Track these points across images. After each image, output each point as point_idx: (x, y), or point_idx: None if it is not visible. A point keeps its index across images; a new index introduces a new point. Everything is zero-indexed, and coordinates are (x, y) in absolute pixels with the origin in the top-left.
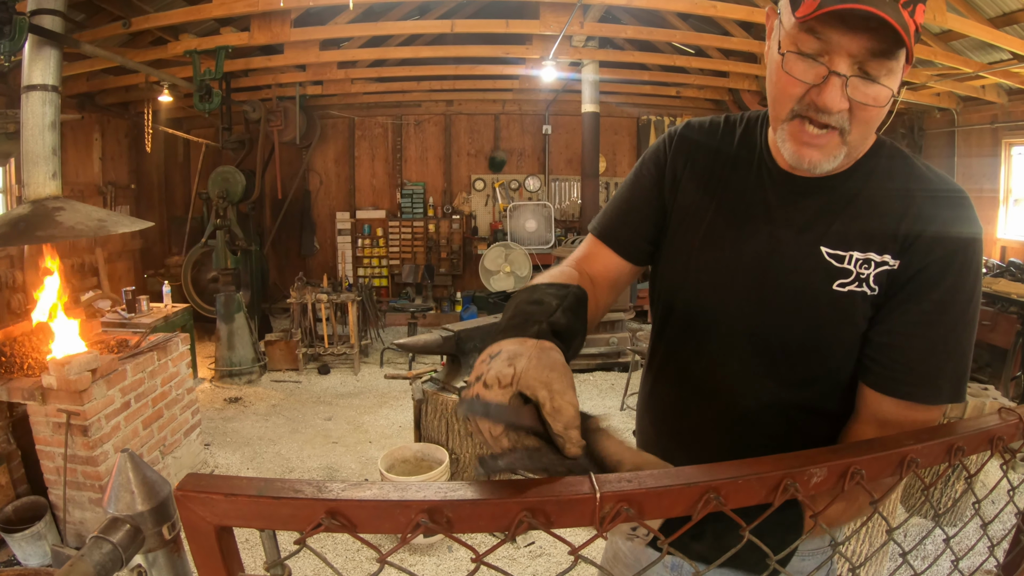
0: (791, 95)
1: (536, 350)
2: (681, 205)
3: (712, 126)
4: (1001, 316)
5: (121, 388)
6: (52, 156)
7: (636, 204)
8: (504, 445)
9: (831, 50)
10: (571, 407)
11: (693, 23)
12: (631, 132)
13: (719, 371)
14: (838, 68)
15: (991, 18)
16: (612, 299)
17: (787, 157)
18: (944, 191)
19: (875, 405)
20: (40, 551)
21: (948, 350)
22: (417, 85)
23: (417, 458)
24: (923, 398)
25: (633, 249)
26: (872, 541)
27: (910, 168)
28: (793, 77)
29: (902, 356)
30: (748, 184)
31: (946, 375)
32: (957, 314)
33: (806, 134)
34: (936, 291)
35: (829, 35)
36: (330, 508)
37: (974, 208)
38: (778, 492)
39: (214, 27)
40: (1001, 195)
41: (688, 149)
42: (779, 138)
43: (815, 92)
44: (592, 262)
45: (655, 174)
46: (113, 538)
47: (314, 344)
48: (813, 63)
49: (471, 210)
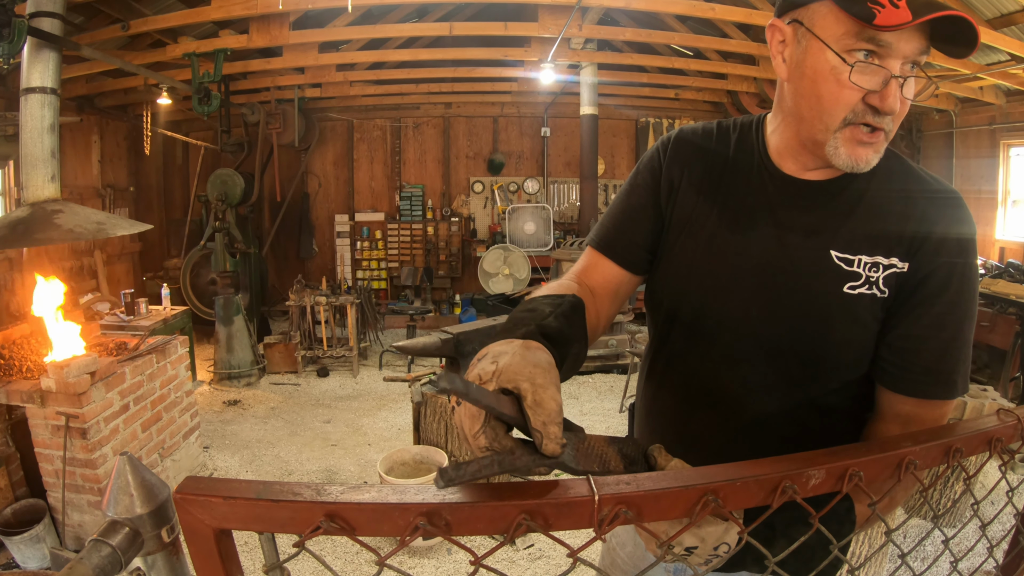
0: (846, 103)
1: (521, 348)
2: (680, 212)
3: (706, 132)
4: (1000, 317)
5: (120, 391)
6: (51, 159)
7: (633, 214)
8: (481, 444)
9: (888, 54)
10: (553, 402)
11: (691, 25)
12: (630, 134)
13: (727, 376)
14: (894, 71)
15: (989, 19)
16: (615, 310)
17: (843, 162)
18: (942, 193)
19: (898, 406)
20: (39, 554)
21: (959, 347)
22: (416, 87)
23: (416, 460)
24: (942, 395)
25: (632, 259)
26: (871, 542)
27: (906, 169)
28: (858, 86)
29: (919, 358)
30: (750, 189)
31: (959, 371)
32: (963, 313)
33: (862, 136)
34: (946, 293)
35: (889, 40)
36: (329, 511)
37: (968, 208)
38: (776, 494)
39: (213, 30)
40: (999, 196)
41: (684, 156)
42: (831, 146)
43: (875, 97)
44: (592, 274)
45: (650, 183)
46: (112, 541)
47: (313, 347)
48: (872, 68)
49: (470, 212)
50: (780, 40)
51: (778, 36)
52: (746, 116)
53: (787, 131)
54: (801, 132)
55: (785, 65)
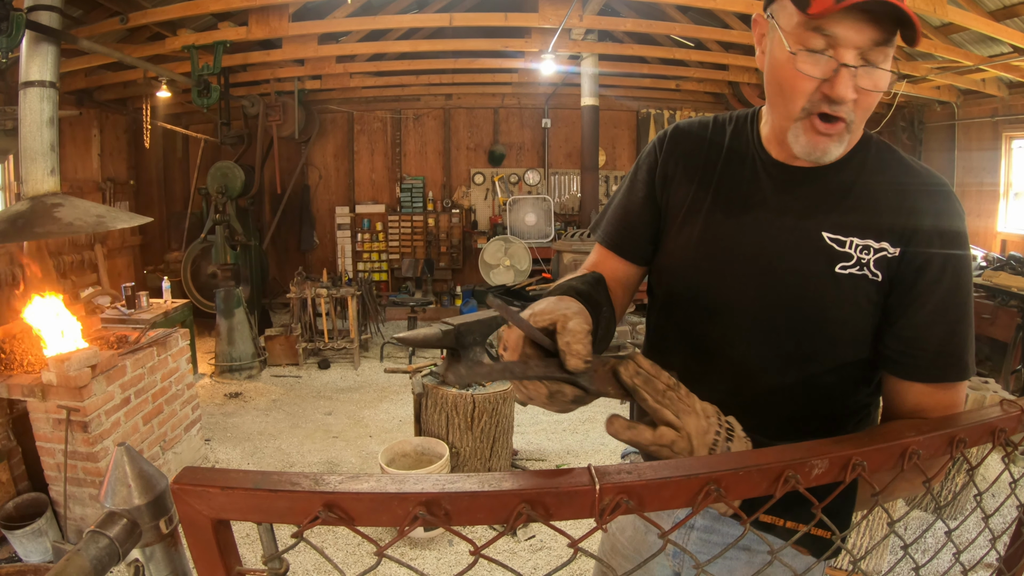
0: (802, 92)
1: (554, 300)
2: (676, 201)
3: (702, 125)
4: (1001, 310)
5: (121, 384)
6: (50, 152)
7: (634, 208)
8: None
9: (838, 43)
10: (577, 326)
11: (692, 16)
12: (631, 125)
13: (726, 358)
14: (846, 60)
15: (992, 11)
16: (628, 299)
17: (800, 149)
18: (934, 185)
19: (913, 395)
20: (41, 547)
21: (963, 328)
22: (416, 79)
23: (417, 452)
24: (955, 376)
25: (638, 252)
26: (873, 534)
27: (899, 161)
28: (805, 74)
29: (927, 344)
30: (744, 176)
31: (968, 351)
32: (963, 296)
33: (819, 126)
34: (944, 279)
35: (836, 30)
36: (327, 501)
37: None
38: (779, 484)
39: (212, 22)
40: (1001, 188)
41: (680, 148)
42: (792, 134)
43: (827, 86)
44: (602, 269)
45: (649, 177)
46: (110, 532)
47: (314, 339)
48: (822, 58)
49: (470, 204)
50: (761, 33)
51: (759, 29)
52: (743, 109)
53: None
54: (773, 121)
55: (764, 56)
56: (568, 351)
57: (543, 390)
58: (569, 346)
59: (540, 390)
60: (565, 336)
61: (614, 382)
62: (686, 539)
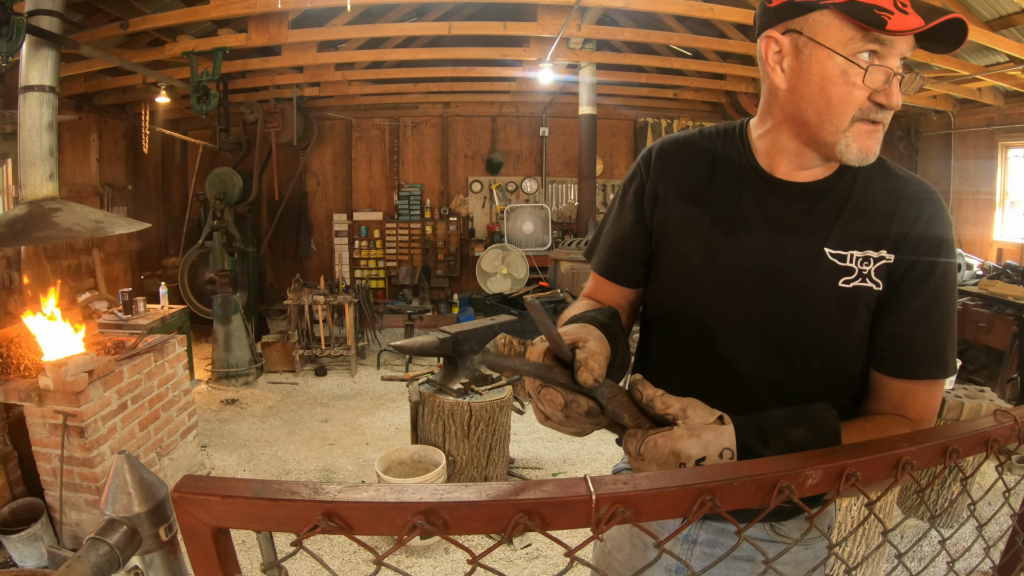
0: (856, 102)
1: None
2: (669, 220)
3: (686, 140)
4: (997, 318)
5: (118, 389)
6: (49, 157)
7: (624, 233)
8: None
9: (888, 53)
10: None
11: (690, 25)
12: (628, 134)
13: (730, 376)
14: (895, 68)
15: (988, 21)
16: (633, 320)
17: (854, 156)
18: (922, 191)
19: (896, 390)
20: (36, 553)
21: (947, 329)
22: (414, 87)
23: (414, 460)
24: (936, 374)
25: (634, 277)
26: (868, 543)
27: (886, 169)
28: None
29: (913, 342)
30: (740, 193)
31: (949, 351)
32: (948, 298)
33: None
34: (931, 280)
35: (892, 40)
36: (327, 510)
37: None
38: (773, 494)
39: (211, 28)
40: (997, 197)
41: (667, 167)
42: (843, 144)
43: (882, 95)
44: (601, 296)
45: (636, 199)
46: (110, 540)
47: (311, 346)
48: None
49: (468, 212)
50: (776, 51)
51: (774, 47)
52: (727, 123)
53: (782, 135)
54: (803, 135)
55: (785, 75)
56: (584, 365)
57: (559, 399)
58: (585, 361)
59: (556, 398)
60: (584, 353)
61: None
62: (689, 554)
